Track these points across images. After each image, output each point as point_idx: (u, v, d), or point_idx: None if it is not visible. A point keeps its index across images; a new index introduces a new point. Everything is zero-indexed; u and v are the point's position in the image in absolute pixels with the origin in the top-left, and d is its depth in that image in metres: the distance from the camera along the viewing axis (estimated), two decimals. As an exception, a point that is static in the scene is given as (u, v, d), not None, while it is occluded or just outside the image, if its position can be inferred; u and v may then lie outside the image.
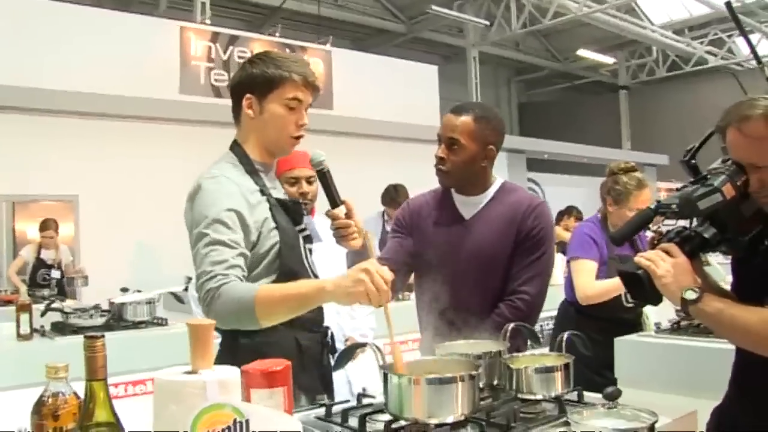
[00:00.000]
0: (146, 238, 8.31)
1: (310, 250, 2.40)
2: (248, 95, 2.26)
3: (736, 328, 1.87)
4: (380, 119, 10.82)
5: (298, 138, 2.31)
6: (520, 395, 1.95)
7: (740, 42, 17.84)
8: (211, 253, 2.03)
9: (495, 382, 2.03)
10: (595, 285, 3.71)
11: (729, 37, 17.27)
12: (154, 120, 8.84)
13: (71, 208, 8.53)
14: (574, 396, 2.01)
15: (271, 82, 2.24)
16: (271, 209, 2.24)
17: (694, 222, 2.00)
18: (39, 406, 1.41)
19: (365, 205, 9.36)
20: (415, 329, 2.75)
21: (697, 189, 1.92)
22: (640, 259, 1.95)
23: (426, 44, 17.19)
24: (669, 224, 2.05)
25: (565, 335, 2.12)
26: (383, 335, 2.30)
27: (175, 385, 1.22)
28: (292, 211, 2.33)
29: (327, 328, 2.43)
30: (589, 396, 2.05)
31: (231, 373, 1.27)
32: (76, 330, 4.33)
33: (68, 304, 4.86)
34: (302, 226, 2.37)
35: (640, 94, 19.78)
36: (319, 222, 3.22)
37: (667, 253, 1.93)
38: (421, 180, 6.71)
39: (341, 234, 2.31)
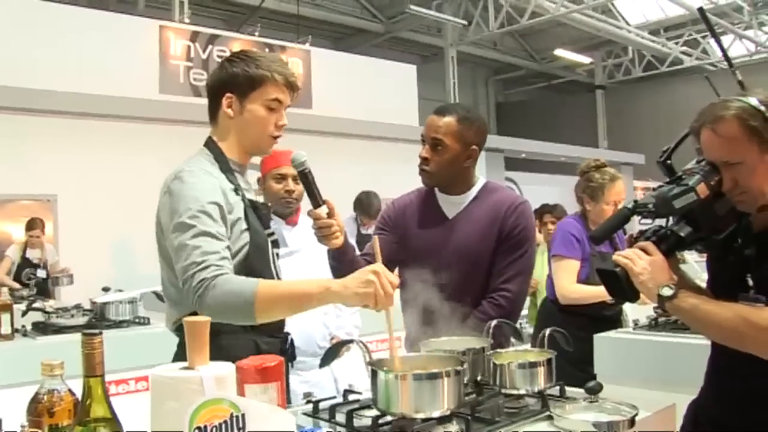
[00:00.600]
0: (126, 238, 8.27)
1: (277, 255, 2.37)
2: (229, 94, 2.23)
3: (711, 323, 1.92)
4: (359, 119, 10.84)
5: (276, 138, 2.30)
6: (503, 390, 1.99)
7: (714, 43, 18.05)
8: (201, 244, 1.99)
9: (479, 378, 2.08)
10: (575, 288, 3.79)
11: (703, 38, 17.47)
12: (133, 119, 8.79)
13: (50, 207, 8.47)
14: (556, 391, 2.06)
15: (252, 82, 2.22)
16: (245, 209, 2.21)
17: (670, 221, 2.06)
18: (35, 404, 1.43)
19: (344, 204, 9.40)
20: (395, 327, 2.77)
21: (673, 188, 1.98)
22: (618, 257, 2.01)
23: (404, 44, 17.22)
24: (646, 223, 2.10)
25: (547, 331, 2.17)
26: (368, 333, 2.34)
27: (172, 381, 1.24)
28: (262, 214, 2.30)
29: (287, 334, 2.38)
30: (571, 391, 2.10)
31: (227, 368, 1.30)
32: (58, 330, 4.33)
33: (50, 303, 4.84)
34: (271, 230, 2.35)
35: (616, 93, 19.93)
36: (304, 223, 3.23)
37: (644, 251, 1.99)
38: (400, 179, 6.76)
39: (323, 233, 2.35)
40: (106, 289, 4.73)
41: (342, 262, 2.50)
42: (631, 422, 1.78)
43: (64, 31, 8.62)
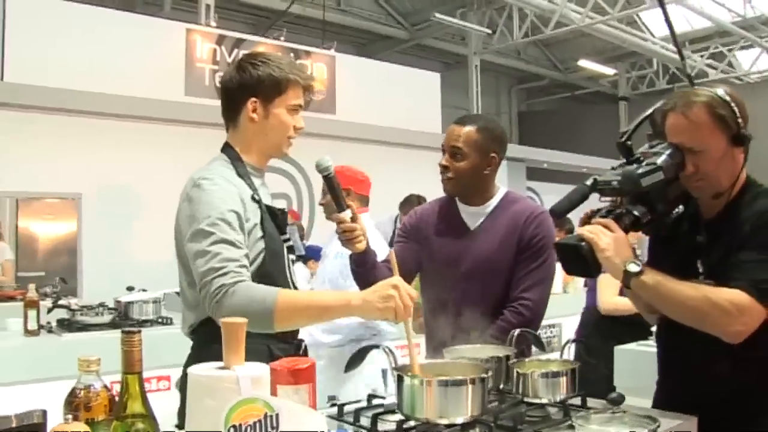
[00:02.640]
0: (149, 238, 8.36)
1: (293, 261, 2.37)
2: (254, 99, 2.21)
3: (674, 300, 1.97)
4: (382, 125, 10.88)
5: (293, 139, 2.32)
6: (526, 399, 2.01)
7: (740, 56, 17.95)
8: (221, 251, 1.99)
9: (502, 386, 2.10)
10: (614, 301, 4.18)
11: (729, 50, 17.36)
12: (158, 121, 8.88)
13: (75, 206, 8.58)
14: (578, 401, 2.08)
15: (278, 86, 2.21)
16: (261, 216, 2.20)
17: (624, 202, 2.10)
18: (72, 398, 1.47)
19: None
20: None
21: (639, 167, 2.03)
22: (583, 231, 2.03)
23: (428, 51, 17.24)
24: (606, 200, 2.14)
25: (571, 341, 2.19)
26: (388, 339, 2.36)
27: (209, 380, 1.28)
28: (279, 220, 2.28)
29: (301, 340, 2.35)
30: (593, 401, 2.11)
31: (262, 369, 1.34)
32: (83, 327, 4.39)
33: (75, 301, 4.90)
34: (287, 236, 2.33)
35: (639, 105, 19.70)
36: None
37: (607, 228, 2.01)
38: (422, 186, 6.78)
39: (347, 237, 2.39)
40: (130, 289, 4.79)
41: (364, 267, 2.55)
42: (653, 434, 1.79)
43: (92, 33, 8.73)
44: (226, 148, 2.30)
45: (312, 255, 6.41)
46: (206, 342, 2.08)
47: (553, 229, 2.78)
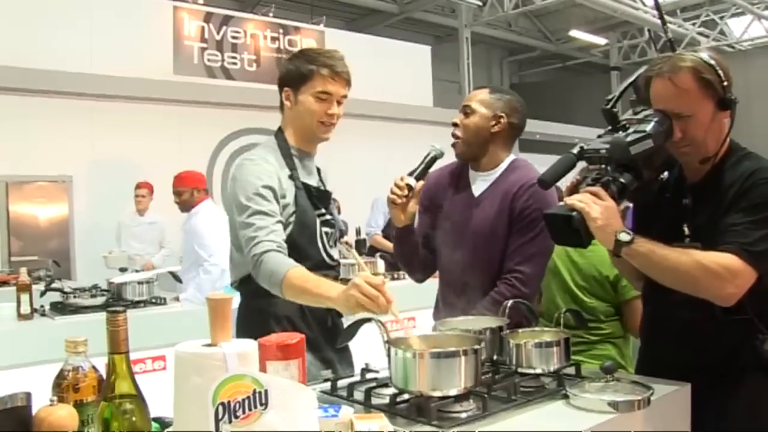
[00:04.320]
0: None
1: (328, 234, 2.60)
2: (286, 89, 2.56)
3: (666, 267, 1.97)
4: (374, 99, 10.83)
5: (328, 125, 2.56)
6: (519, 369, 2.01)
7: (732, 24, 17.90)
8: (254, 222, 2.33)
9: (495, 357, 2.09)
10: None
11: (721, 18, 17.31)
12: (147, 100, 8.83)
13: (65, 188, 8.55)
14: (572, 370, 2.07)
15: (302, 77, 2.51)
16: (296, 193, 2.49)
17: (610, 170, 2.07)
18: (60, 380, 1.45)
19: (357, 184, 9.43)
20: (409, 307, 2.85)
21: (628, 135, 2.01)
22: (573, 201, 2.00)
23: (418, 24, 17.13)
24: (594, 169, 2.11)
25: (562, 311, 2.18)
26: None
27: (196, 357, 1.26)
28: (314, 197, 2.56)
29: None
30: (587, 370, 2.11)
31: (249, 345, 1.32)
32: (76, 309, 4.39)
33: (68, 284, 4.90)
34: (322, 210, 2.60)
35: (631, 74, 19.77)
36: None
37: (597, 196, 1.99)
38: (414, 160, 6.74)
39: (403, 199, 2.61)
40: (123, 270, 4.78)
41: (406, 245, 2.77)
42: (647, 401, 1.79)
43: (78, 12, 8.65)
44: (277, 132, 2.63)
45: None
46: (250, 294, 2.48)
47: (548, 200, 2.70)
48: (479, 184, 2.73)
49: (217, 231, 5.09)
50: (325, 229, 2.59)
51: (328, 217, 2.63)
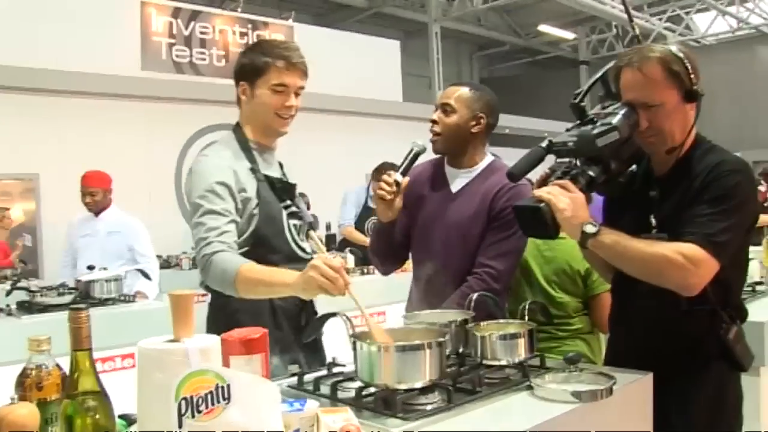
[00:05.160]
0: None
1: (296, 226, 2.57)
2: (242, 83, 2.52)
3: (631, 258, 2.02)
4: (343, 95, 10.82)
5: (285, 118, 2.52)
6: (485, 361, 2.02)
7: (697, 18, 18.09)
8: (206, 222, 2.29)
9: (461, 350, 2.11)
10: None
11: (687, 14, 17.49)
12: (115, 96, 8.74)
13: (31, 187, 8.44)
14: (536, 361, 2.10)
15: (258, 70, 2.47)
16: (257, 185, 2.46)
17: (578, 163, 2.12)
18: (23, 378, 1.45)
19: (327, 179, 9.40)
20: (379, 302, 2.86)
21: (595, 127, 2.06)
22: (541, 192, 2.04)
23: (388, 19, 17.12)
24: (562, 162, 2.15)
25: (527, 303, 2.20)
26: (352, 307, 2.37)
27: (158, 353, 1.27)
28: (278, 189, 2.53)
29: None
30: (551, 361, 2.14)
31: (211, 340, 1.33)
32: (43, 308, 4.33)
33: (34, 283, 4.84)
34: (288, 203, 2.56)
35: (600, 69, 19.85)
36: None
37: (565, 188, 2.04)
38: (384, 155, 6.76)
39: (389, 196, 2.62)
40: (90, 268, 4.73)
41: (386, 239, 2.79)
42: (609, 391, 1.82)
43: (43, 7, 8.54)
44: (235, 126, 2.60)
45: None
46: (220, 293, 2.35)
47: None
48: (457, 180, 2.77)
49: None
50: (292, 221, 2.56)
51: (294, 209, 2.59)
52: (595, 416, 1.81)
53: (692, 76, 2.05)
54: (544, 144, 2.14)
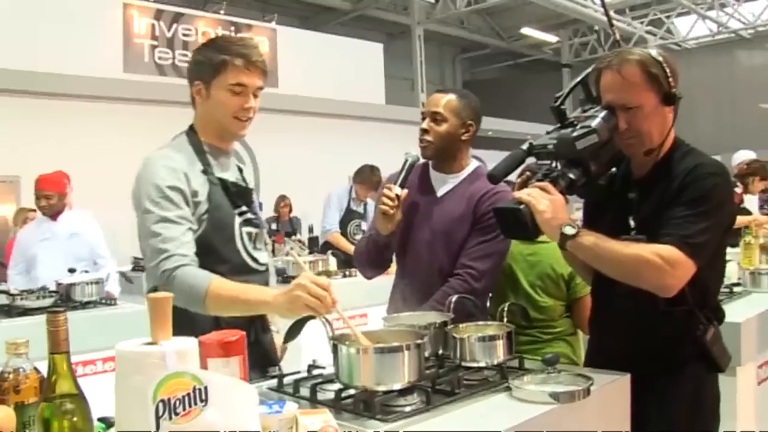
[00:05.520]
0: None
1: (251, 234, 2.40)
2: (197, 82, 2.34)
3: (610, 259, 2.04)
4: (326, 97, 10.84)
5: (243, 120, 2.34)
6: (464, 363, 2.03)
7: (678, 22, 18.23)
8: (161, 231, 2.12)
9: (440, 352, 2.12)
10: None
11: (668, 17, 17.64)
12: (97, 98, 8.71)
13: (13, 189, 8.40)
14: (515, 363, 2.11)
15: (214, 68, 2.28)
16: (210, 189, 2.28)
17: (559, 165, 2.15)
18: (0, 382, 1.45)
19: (310, 181, 9.39)
20: (361, 305, 2.87)
21: (575, 130, 2.09)
22: (522, 194, 2.07)
23: (371, 22, 17.16)
24: (543, 164, 2.19)
25: (506, 305, 2.22)
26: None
27: (136, 355, 1.27)
28: (233, 194, 2.36)
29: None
30: (530, 363, 2.15)
31: (189, 343, 1.33)
32: (23, 312, 4.30)
33: (15, 286, 4.81)
34: (243, 208, 2.39)
35: (582, 71, 19.99)
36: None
37: (545, 190, 2.07)
38: (367, 157, 6.77)
39: (390, 209, 2.63)
40: (71, 271, 4.71)
41: (380, 250, 2.78)
42: (587, 392, 1.84)
43: (26, 9, 8.49)
44: (189, 127, 2.42)
45: None
46: None
47: None
48: (442, 185, 2.81)
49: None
50: (246, 228, 2.37)
51: (250, 215, 2.41)
52: (573, 417, 1.82)
53: (670, 79, 2.08)
54: (524, 146, 2.17)
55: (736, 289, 3.70)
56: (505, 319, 2.17)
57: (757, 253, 4.19)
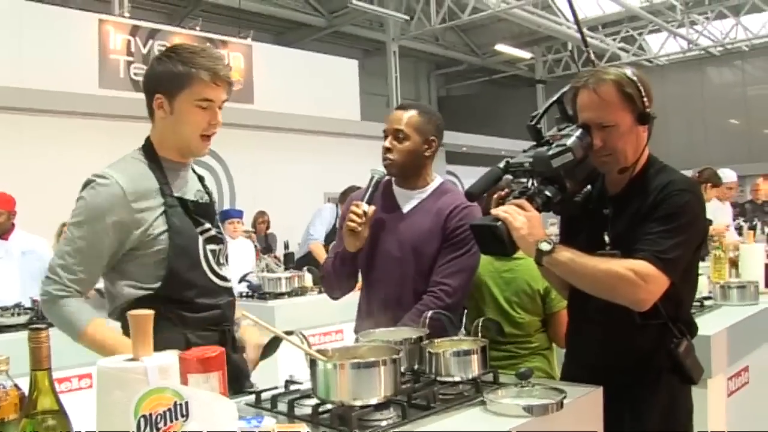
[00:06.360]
0: (63, 236, 8.17)
1: (215, 251, 2.32)
2: (158, 95, 2.19)
3: (584, 275, 2.08)
4: (301, 113, 10.86)
5: (209, 137, 2.24)
6: (439, 378, 2.06)
7: (650, 39, 18.49)
8: (66, 257, 2.13)
9: (416, 367, 2.15)
10: None
11: (639, 34, 17.89)
12: (72, 114, 8.68)
13: (-14, 205, 8.32)
14: (490, 377, 2.14)
15: (179, 82, 2.15)
16: (166, 211, 2.18)
17: (535, 183, 2.20)
18: (-20, 399, 1.46)
19: (286, 198, 9.37)
20: (336, 320, 2.89)
21: (550, 148, 2.13)
22: (498, 211, 2.11)
23: (346, 38, 17.25)
24: (519, 182, 2.24)
25: (480, 320, 2.25)
26: (313, 326, 2.39)
27: (117, 371, 1.29)
28: (192, 212, 2.26)
29: (227, 326, 2.35)
30: (504, 377, 2.19)
31: (170, 359, 1.35)
32: (-2, 329, 4.28)
33: (-13, 302, 4.77)
34: (205, 226, 2.30)
35: (556, 87, 19.80)
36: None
37: (521, 207, 2.11)
38: (342, 174, 6.80)
39: (357, 225, 2.63)
40: (47, 288, 4.67)
41: (347, 267, 2.78)
42: (560, 405, 1.87)
43: (2, 25, 8.46)
44: (145, 142, 2.29)
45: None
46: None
47: None
48: (407, 201, 2.82)
49: None
50: (210, 246, 2.29)
51: (213, 232, 2.32)
52: (546, 429, 1.85)
53: (645, 99, 2.13)
54: (501, 165, 2.21)
55: (706, 302, 3.76)
56: (480, 334, 2.21)
57: (727, 267, 4.26)
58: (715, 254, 4.23)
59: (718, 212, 6.94)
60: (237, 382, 2.23)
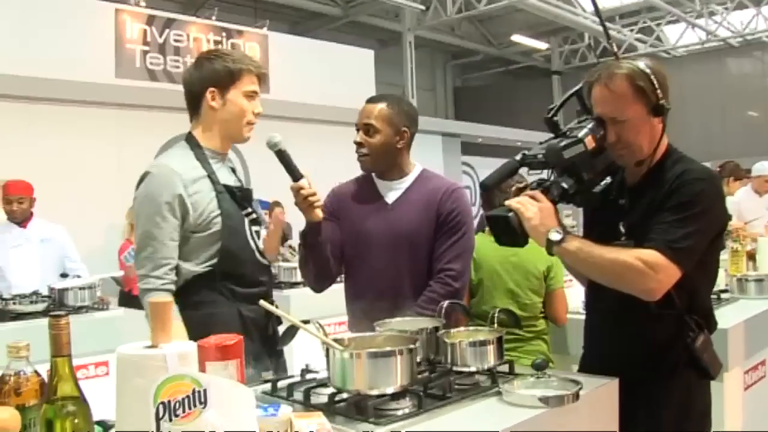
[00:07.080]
0: (79, 224, 8.22)
1: (257, 233, 2.63)
2: (212, 88, 2.51)
3: (593, 264, 2.10)
4: (317, 103, 10.85)
5: (252, 124, 2.59)
6: (455, 368, 2.07)
7: (668, 30, 18.35)
8: (147, 249, 2.40)
9: (432, 357, 2.16)
10: None
11: (657, 25, 17.74)
12: (89, 104, 8.70)
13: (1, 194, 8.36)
14: (506, 368, 2.15)
15: (232, 75, 2.50)
16: (217, 196, 2.47)
17: (553, 175, 2.22)
18: (1, 384, 1.47)
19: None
20: (340, 312, 2.89)
21: (562, 140, 2.15)
22: (511, 202, 2.15)
23: (362, 28, 17.19)
24: (535, 173, 2.26)
25: (496, 311, 2.26)
26: (326, 315, 2.40)
27: (137, 358, 1.31)
28: (238, 197, 2.55)
29: (272, 301, 2.51)
30: (520, 368, 2.19)
31: (189, 346, 1.37)
32: (16, 316, 4.32)
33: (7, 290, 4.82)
34: (249, 210, 2.59)
35: (572, 79, 20.05)
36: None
37: (534, 198, 2.13)
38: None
39: (309, 203, 2.56)
40: (64, 275, 4.73)
41: (318, 239, 2.69)
42: (576, 396, 1.87)
43: (17, 13, 8.48)
44: (188, 136, 2.58)
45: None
46: (189, 306, 2.42)
47: (469, 204, 2.88)
48: (390, 192, 2.82)
49: None
50: (254, 227, 2.61)
51: (254, 215, 2.63)
52: (562, 420, 1.86)
53: (658, 91, 2.12)
54: (518, 157, 2.23)
55: (723, 295, 3.75)
56: (496, 324, 2.21)
57: (744, 260, 4.24)
58: (733, 247, 4.22)
59: (753, 204, 6.76)
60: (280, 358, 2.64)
